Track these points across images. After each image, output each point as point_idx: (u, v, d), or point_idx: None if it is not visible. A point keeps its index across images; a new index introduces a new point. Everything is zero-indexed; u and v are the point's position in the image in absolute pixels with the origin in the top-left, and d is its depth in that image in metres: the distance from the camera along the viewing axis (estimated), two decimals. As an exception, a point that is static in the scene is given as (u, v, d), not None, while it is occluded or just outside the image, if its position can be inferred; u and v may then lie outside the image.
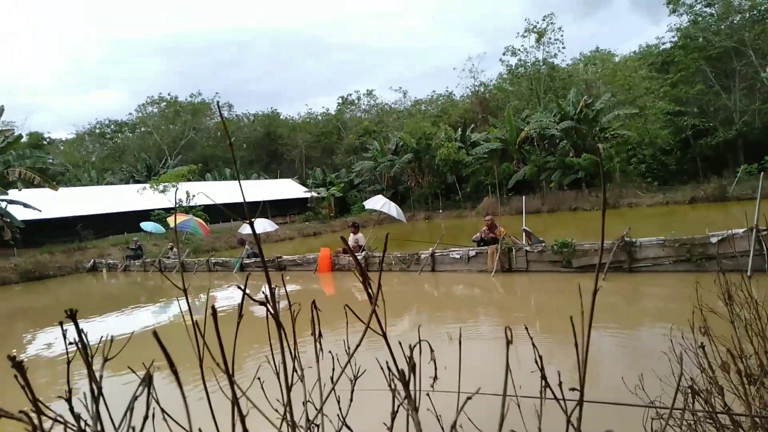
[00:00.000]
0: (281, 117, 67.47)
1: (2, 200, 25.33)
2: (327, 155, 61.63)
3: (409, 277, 12.17)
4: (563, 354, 5.93)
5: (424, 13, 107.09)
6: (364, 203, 16.42)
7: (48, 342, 10.29)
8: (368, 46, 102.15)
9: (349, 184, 47.22)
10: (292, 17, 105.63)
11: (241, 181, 49.41)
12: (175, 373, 0.94)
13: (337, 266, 14.15)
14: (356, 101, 67.84)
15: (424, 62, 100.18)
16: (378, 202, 14.04)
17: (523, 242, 11.42)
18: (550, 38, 41.82)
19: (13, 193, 25.42)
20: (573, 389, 0.95)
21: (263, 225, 17.76)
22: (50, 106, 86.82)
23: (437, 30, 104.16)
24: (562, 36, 43.78)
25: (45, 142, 55.55)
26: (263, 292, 1.10)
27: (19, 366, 0.81)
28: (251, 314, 10.71)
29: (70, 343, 0.98)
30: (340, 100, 68.23)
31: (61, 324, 1.01)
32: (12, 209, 25.83)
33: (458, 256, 11.94)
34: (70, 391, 0.92)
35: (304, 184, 49.37)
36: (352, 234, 14.52)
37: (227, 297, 13.78)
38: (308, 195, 42.35)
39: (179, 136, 58.85)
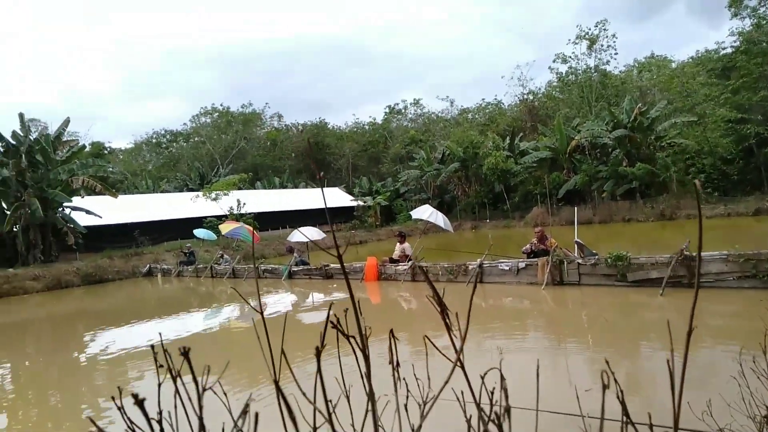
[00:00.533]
0: (329, 126, 68.49)
1: (67, 207, 26.68)
2: (373, 164, 62.06)
3: (456, 288, 12.04)
4: (616, 369, 5.70)
5: (471, 20, 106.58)
6: (411, 213, 16.39)
7: (107, 342, 10.70)
8: (415, 55, 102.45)
9: (395, 193, 47.31)
10: (339, 27, 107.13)
11: (288, 190, 50.35)
12: (277, 388, 0.93)
13: (384, 275, 14.15)
14: (403, 110, 68.14)
15: (472, 70, 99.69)
16: (425, 212, 13.97)
17: (575, 255, 11.10)
18: (602, 45, 40.83)
19: (76, 200, 26.75)
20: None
21: (311, 233, 17.99)
22: (111, 116, 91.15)
23: (485, 37, 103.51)
24: (615, 42, 42.68)
25: (106, 152, 58.30)
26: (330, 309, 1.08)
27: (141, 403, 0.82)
28: (299, 322, 10.85)
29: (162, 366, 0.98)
30: (387, 110, 68.68)
31: (152, 348, 1.02)
32: (75, 215, 27.18)
33: (507, 268, 11.73)
34: (160, 412, 0.92)
35: (350, 192, 49.81)
36: (398, 243, 14.50)
37: (276, 303, 14.00)
38: (354, 204, 42.69)
39: (230, 146, 60.61)
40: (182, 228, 31.31)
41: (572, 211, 12.89)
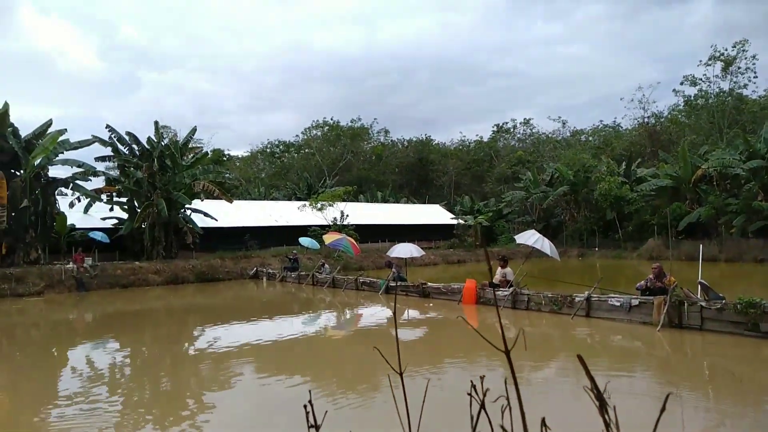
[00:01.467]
0: (434, 143, 68.70)
1: (188, 209, 28.93)
2: (477, 183, 61.21)
3: (560, 320, 11.36)
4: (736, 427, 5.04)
5: (593, 38, 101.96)
6: (516, 237, 15.81)
7: (213, 338, 11.32)
8: (529, 74, 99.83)
9: (497, 214, 46.23)
10: (454, 44, 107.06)
11: (390, 204, 50.99)
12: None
13: (482, 299, 13.74)
14: (512, 129, 66.71)
15: (588, 91, 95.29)
16: (530, 238, 13.39)
17: (698, 296, 10.05)
18: (739, 67, 37.35)
19: (196, 203, 28.93)
20: None
21: (409, 249, 17.97)
22: (233, 125, 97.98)
23: (605, 56, 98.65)
24: (754, 64, 38.88)
25: (225, 159, 62.66)
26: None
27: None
28: (391, 337, 10.78)
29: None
30: (495, 128, 67.61)
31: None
32: (194, 217, 29.40)
33: (618, 304, 10.87)
34: None
35: (451, 210, 49.41)
36: (500, 268, 14.03)
37: (371, 315, 14.09)
38: (455, 222, 42.25)
39: (338, 158, 62.70)
40: (288, 235, 32.71)
41: (694, 246, 11.73)
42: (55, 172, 25.29)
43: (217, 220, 30.08)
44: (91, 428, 5.44)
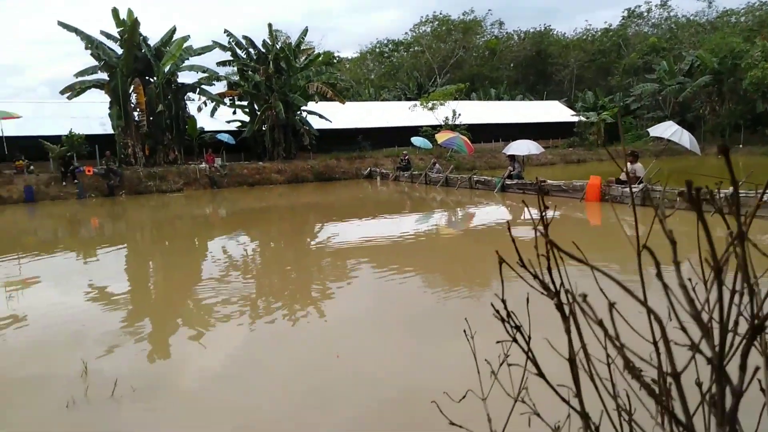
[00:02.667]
0: (554, 34, 63.11)
1: (303, 110, 29.65)
2: (601, 76, 55.96)
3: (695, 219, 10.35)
4: None
5: None
6: (650, 130, 14.28)
7: (332, 233, 11.83)
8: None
9: (623, 110, 42.32)
10: None
11: (504, 102, 48.57)
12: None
13: (608, 197, 12.86)
14: (645, 14, 59.09)
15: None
16: (667, 130, 12.03)
17: None
18: None
19: (311, 105, 29.51)
20: None
21: (528, 146, 17.06)
22: (339, 28, 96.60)
23: None
24: None
25: (335, 61, 62.72)
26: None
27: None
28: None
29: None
30: (625, 13, 60.26)
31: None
32: (310, 119, 30.16)
33: (771, 202, 9.61)
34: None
35: (571, 107, 46.03)
36: (629, 163, 12.92)
37: (486, 214, 13.86)
38: (575, 119, 39.44)
39: (449, 55, 60.01)
40: (400, 135, 32.64)
41: None
42: (183, 78, 26.79)
43: (331, 122, 30.66)
44: (231, 309, 5.94)
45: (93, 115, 28.01)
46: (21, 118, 23.32)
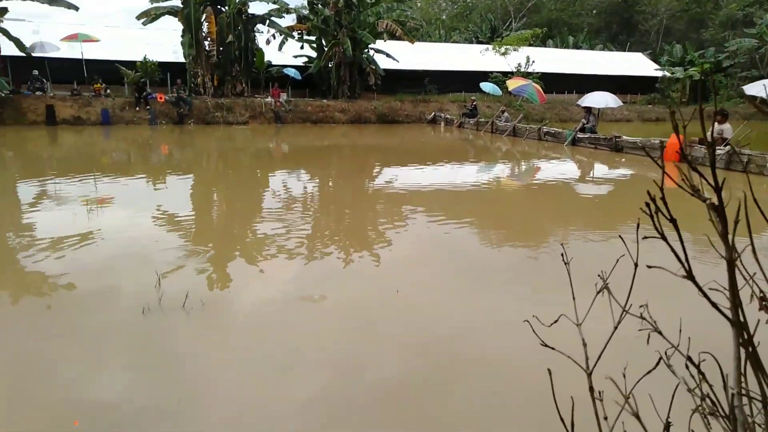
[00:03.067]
0: (645, -22, 58.18)
1: (371, 48, 29.01)
2: (693, 29, 51.52)
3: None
4: None
5: None
6: (745, 88, 13.02)
7: (390, 177, 11.68)
8: None
9: (714, 66, 38.99)
10: None
11: (583, 51, 45.75)
12: None
13: (689, 157, 11.97)
14: (753, -42, 53.22)
15: None
16: (766, 88, 10.91)
17: None
18: None
19: (379, 43, 28.79)
20: None
21: (605, 99, 16.03)
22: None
23: None
24: None
25: (407, -2, 60.65)
26: None
27: None
28: (574, 194, 10.03)
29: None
30: (730, -43, 54.49)
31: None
32: (377, 58, 29.52)
33: None
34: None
35: (656, 60, 42.82)
36: (716, 123, 11.90)
37: (552, 167, 13.28)
38: (659, 74, 36.76)
39: (527, -2, 56.76)
40: (468, 80, 31.55)
41: None
42: (254, 8, 26.66)
43: (398, 62, 29.90)
44: (288, 243, 5.99)
45: (166, 42, 28.52)
46: (100, 42, 24.03)
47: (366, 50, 28.70)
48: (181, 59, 25.77)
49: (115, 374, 3.22)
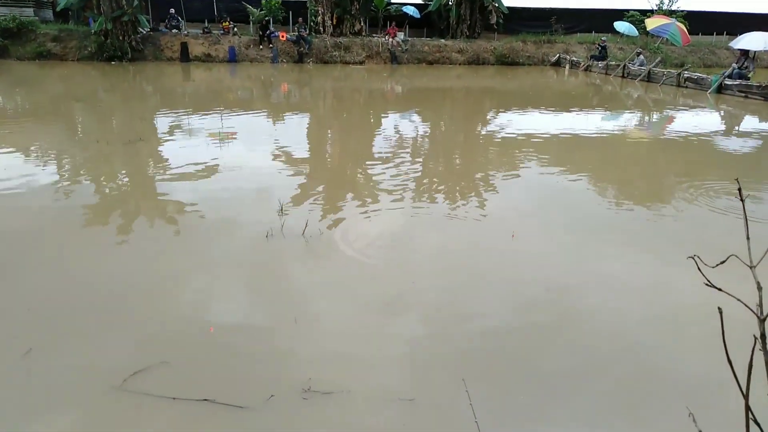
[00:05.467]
0: None
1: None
2: None
3: None
4: None
5: None
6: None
7: (504, 123, 11.16)
8: None
9: None
10: None
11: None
12: None
13: None
14: None
15: None
16: None
17: None
18: None
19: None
20: None
21: (765, 39, 13.90)
22: None
23: None
24: None
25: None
26: None
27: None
28: (713, 148, 8.95)
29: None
30: None
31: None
32: (500, -6, 27.86)
33: None
34: None
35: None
36: None
37: (689, 118, 11.93)
38: (838, 11, 31.14)
39: None
40: (599, 20, 28.88)
41: None
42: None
43: (523, -1, 28.01)
44: (398, 185, 6.02)
45: (290, -20, 28.94)
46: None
47: (489, -14, 27.15)
48: (303, -3, 26.11)
49: (241, 290, 3.54)
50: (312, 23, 25.17)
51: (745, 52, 14.31)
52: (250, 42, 23.12)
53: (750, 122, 11.38)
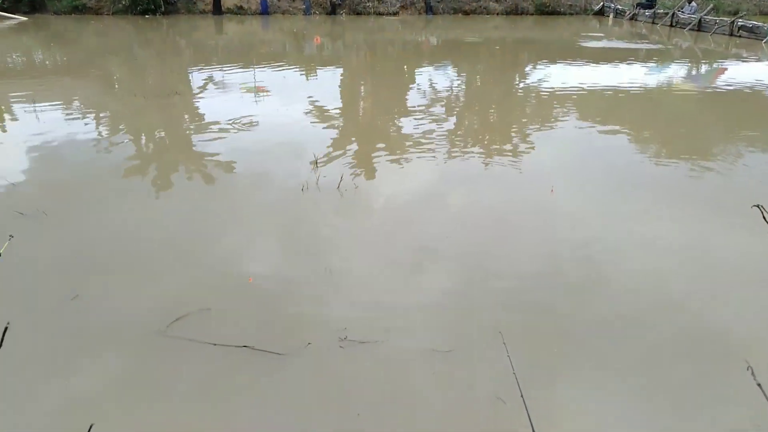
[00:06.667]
0: None
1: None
2: None
3: None
4: None
5: None
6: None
7: (543, 76, 10.75)
8: None
9: None
10: None
11: None
12: None
13: None
14: None
15: None
16: None
17: None
18: None
19: None
20: None
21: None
22: None
23: None
24: None
25: None
26: None
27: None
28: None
29: None
30: None
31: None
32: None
33: None
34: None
35: None
36: None
37: (742, 70, 11.27)
38: None
39: None
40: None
41: None
42: None
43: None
44: (431, 140, 5.93)
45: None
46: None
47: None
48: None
49: (278, 242, 3.60)
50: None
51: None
52: (282, -7, 22.74)
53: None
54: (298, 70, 11.07)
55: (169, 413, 2.20)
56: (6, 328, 1.15)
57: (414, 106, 7.76)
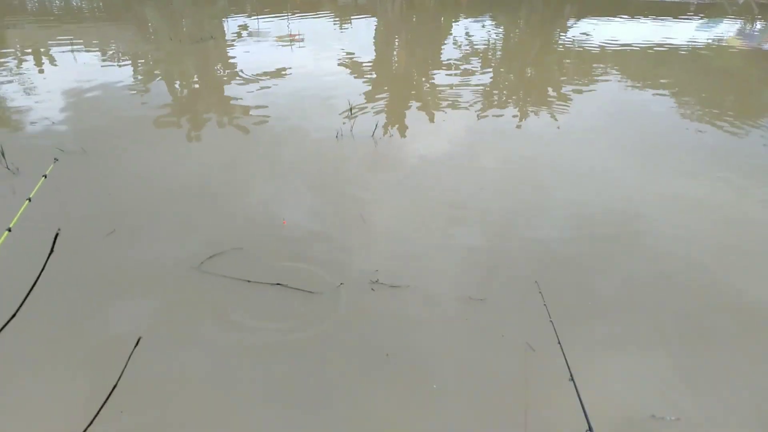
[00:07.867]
0: None
1: None
2: None
3: None
4: None
5: None
6: None
7: (585, 31, 10.31)
8: None
9: None
10: None
11: None
12: None
13: None
14: None
15: None
16: None
17: None
18: None
19: None
20: None
21: None
22: None
23: None
24: None
25: None
26: None
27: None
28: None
29: None
30: None
31: None
32: None
33: None
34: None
35: None
36: None
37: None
38: None
39: None
40: None
41: None
42: None
43: None
44: (465, 95, 5.82)
45: None
46: None
47: None
48: None
49: (312, 188, 3.63)
50: None
51: None
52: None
53: None
54: (332, 18, 10.87)
55: (203, 342, 2.29)
56: (57, 234, 1.20)
57: (449, 59, 7.58)
